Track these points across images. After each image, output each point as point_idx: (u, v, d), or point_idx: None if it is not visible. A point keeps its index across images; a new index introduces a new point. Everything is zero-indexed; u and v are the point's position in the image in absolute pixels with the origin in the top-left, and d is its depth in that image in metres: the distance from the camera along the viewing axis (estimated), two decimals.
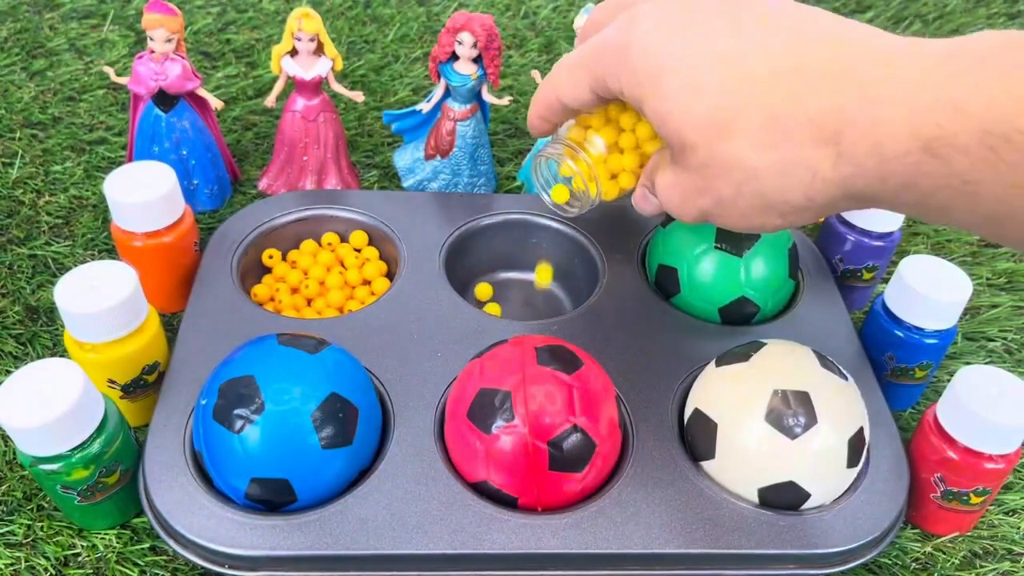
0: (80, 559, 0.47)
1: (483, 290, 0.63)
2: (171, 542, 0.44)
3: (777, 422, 0.45)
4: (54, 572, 0.46)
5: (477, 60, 0.62)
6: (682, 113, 0.37)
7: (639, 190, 0.46)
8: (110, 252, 0.64)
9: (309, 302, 0.61)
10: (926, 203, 0.33)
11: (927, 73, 0.32)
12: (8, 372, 0.54)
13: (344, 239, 0.64)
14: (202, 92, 0.64)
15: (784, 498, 0.46)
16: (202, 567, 0.44)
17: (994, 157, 0.30)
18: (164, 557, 0.47)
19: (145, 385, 0.51)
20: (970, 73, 0.31)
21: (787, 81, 0.35)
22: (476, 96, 0.65)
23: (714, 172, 0.38)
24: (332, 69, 0.64)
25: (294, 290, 0.61)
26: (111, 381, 0.49)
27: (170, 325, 0.59)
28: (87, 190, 0.68)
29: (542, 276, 0.64)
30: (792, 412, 0.45)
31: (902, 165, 0.32)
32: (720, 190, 0.38)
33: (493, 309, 0.61)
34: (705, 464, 0.48)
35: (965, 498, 0.48)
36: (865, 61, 0.34)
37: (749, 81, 0.36)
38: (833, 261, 0.62)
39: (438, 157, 0.66)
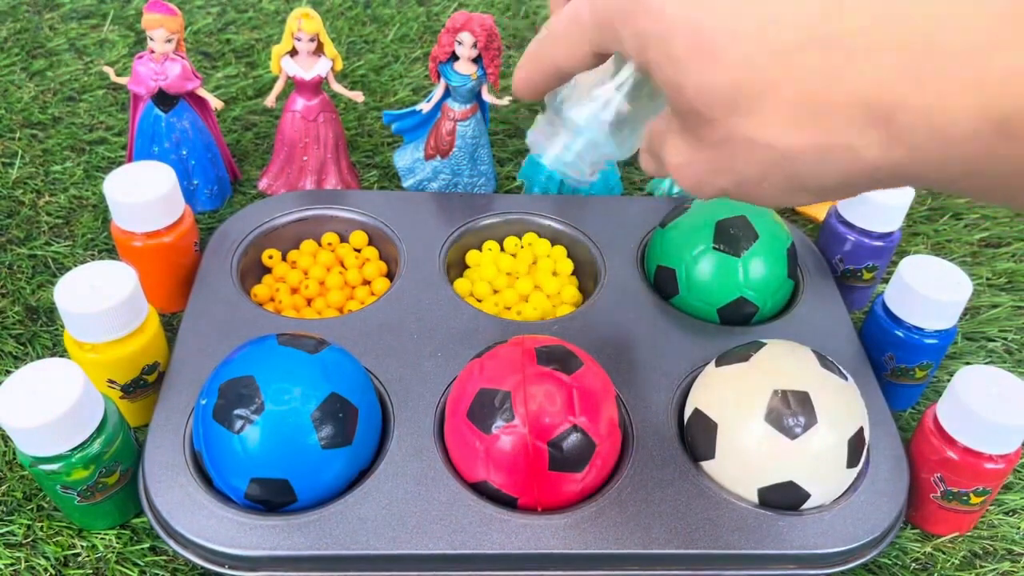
0: (80, 559, 0.47)
1: None
2: (171, 542, 0.44)
3: (777, 422, 0.45)
4: (54, 572, 0.46)
5: (477, 60, 0.62)
6: (696, 85, 0.32)
7: (643, 155, 0.41)
8: (110, 252, 0.64)
9: (309, 302, 0.61)
10: (995, 188, 0.29)
11: (992, 37, 0.26)
12: (8, 372, 0.54)
13: (344, 239, 0.64)
14: (202, 92, 0.64)
15: (784, 498, 0.46)
16: (202, 567, 0.44)
17: None
18: (164, 557, 0.47)
19: (145, 385, 0.51)
20: None
21: (823, 52, 0.29)
22: (476, 96, 0.65)
23: (735, 150, 0.33)
24: (332, 69, 0.64)
25: (294, 290, 0.61)
26: (111, 381, 0.49)
27: (170, 325, 0.59)
28: (87, 190, 0.68)
29: None
30: (792, 412, 0.45)
31: (970, 148, 0.27)
32: (743, 170, 0.33)
33: None
34: (705, 464, 0.48)
35: (965, 498, 0.48)
36: (914, 24, 0.28)
37: (778, 51, 0.30)
38: (833, 261, 0.62)
39: (438, 157, 0.66)
